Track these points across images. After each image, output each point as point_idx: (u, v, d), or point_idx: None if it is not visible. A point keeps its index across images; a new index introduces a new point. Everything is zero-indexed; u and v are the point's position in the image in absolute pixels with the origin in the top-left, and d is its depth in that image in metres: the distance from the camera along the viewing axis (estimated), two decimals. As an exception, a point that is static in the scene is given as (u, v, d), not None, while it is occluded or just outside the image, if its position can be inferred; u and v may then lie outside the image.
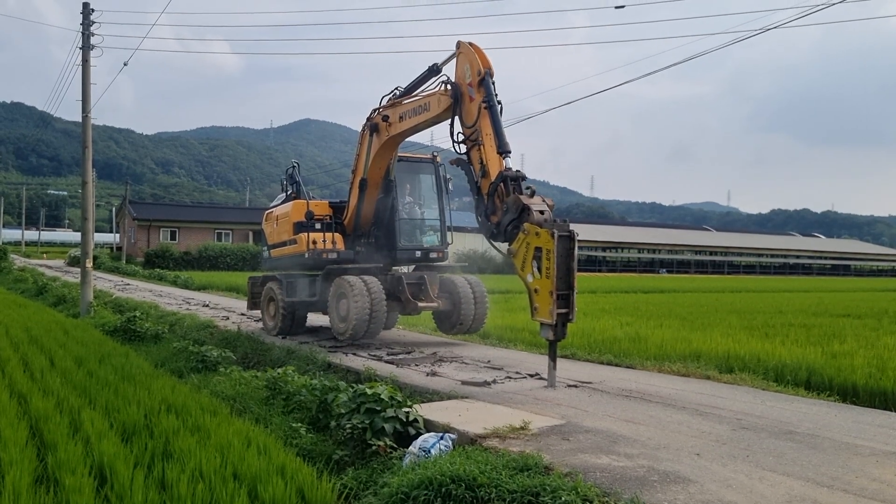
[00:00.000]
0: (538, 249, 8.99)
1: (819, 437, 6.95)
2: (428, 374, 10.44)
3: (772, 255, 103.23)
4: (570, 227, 9.15)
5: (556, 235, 8.82)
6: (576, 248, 9.12)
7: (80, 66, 22.11)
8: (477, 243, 56.74)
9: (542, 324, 9.12)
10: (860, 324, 18.22)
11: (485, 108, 10.46)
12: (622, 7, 17.23)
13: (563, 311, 8.98)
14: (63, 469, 5.70)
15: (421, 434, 7.04)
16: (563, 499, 5.05)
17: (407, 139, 13.66)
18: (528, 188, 9.81)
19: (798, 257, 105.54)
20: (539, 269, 9.00)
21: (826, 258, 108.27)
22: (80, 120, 22.30)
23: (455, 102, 11.06)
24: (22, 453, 6.00)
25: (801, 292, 40.93)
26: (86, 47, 22.02)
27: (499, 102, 10.57)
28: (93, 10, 22.27)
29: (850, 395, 9.89)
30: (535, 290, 9.07)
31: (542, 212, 9.33)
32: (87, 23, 22.10)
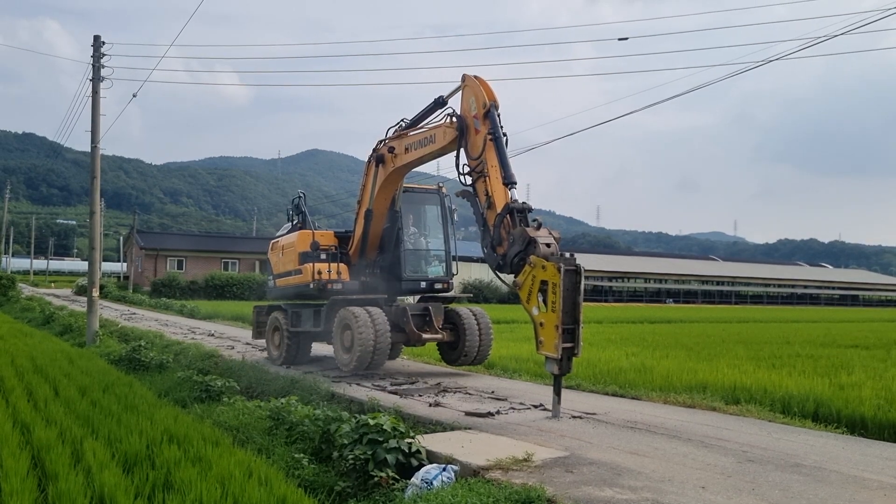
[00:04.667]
0: (544, 283, 8.98)
1: (826, 470, 6.87)
2: (431, 405, 10.39)
3: (779, 285, 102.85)
4: (577, 261, 9.15)
5: (562, 269, 8.82)
6: (582, 282, 9.11)
7: (91, 98, 22.36)
8: (483, 273, 56.88)
9: (547, 357, 9.09)
10: (868, 355, 18.09)
11: (490, 139, 10.51)
12: (626, 39, 17.41)
13: (569, 345, 8.95)
14: (63, 500, 5.69)
15: (423, 465, 7.00)
16: (565, 532, 5.00)
17: (413, 169, 13.73)
18: (534, 220, 9.83)
19: (805, 287, 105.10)
20: (545, 303, 9.00)
21: (834, 288, 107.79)
22: (89, 150, 22.50)
23: (461, 134, 11.13)
24: (23, 484, 5.98)
25: (808, 323, 40.73)
26: (96, 79, 22.28)
27: (504, 134, 10.62)
28: (103, 43, 22.57)
29: (859, 427, 9.79)
30: (541, 324, 9.06)
31: (548, 245, 9.34)
32: (97, 55, 22.39)
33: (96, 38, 22.61)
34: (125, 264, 76.26)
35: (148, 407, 9.96)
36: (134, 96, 24.52)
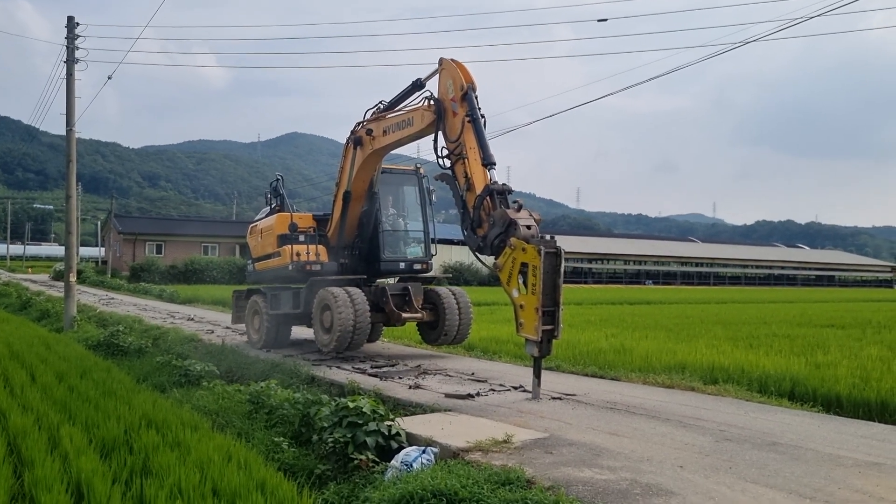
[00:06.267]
0: (524, 265, 8.98)
1: (802, 449, 6.95)
2: (411, 387, 10.40)
3: (757, 266, 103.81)
4: (557, 244, 9.15)
5: (542, 252, 8.81)
6: (562, 265, 9.12)
7: (65, 80, 22.04)
8: (463, 256, 56.93)
9: (527, 339, 9.11)
10: (844, 334, 18.31)
11: (468, 122, 10.48)
12: (605, 20, 17.36)
13: (549, 327, 8.97)
14: (40, 486, 5.62)
15: (403, 448, 7.00)
16: (544, 512, 5.02)
17: (392, 151, 13.67)
18: (514, 202, 9.81)
19: (783, 268, 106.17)
20: (525, 285, 9.00)
21: (810, 269, 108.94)
22: (65, 134, 22.19)
23: (438, 118, 11.09)
24: (-2, 470, 5.91)
25: (785, 303, 41.13)
26: (70, 61, 21.95)
27: (482, 116, 10.59)
28: (78, 24, 22.23)
29: (834, 405, 9.92)
30: (521, 306, 9.06)
31: (528, 227, 9.33)
32: (71, 36, 22.05)
33: (70, 18, 22.28)
34: (103, 249, 75.54)
35: (126, 392, 9.88)
36: (109, 78, 24.23)
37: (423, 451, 6.71)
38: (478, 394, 9.88)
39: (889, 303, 44.91)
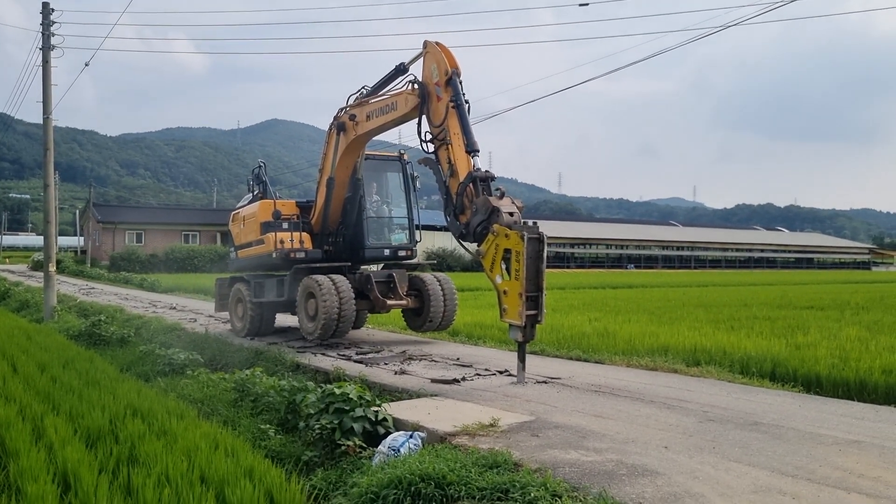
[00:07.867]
0: (507, 251, 9.01)
1: (783, 428, 7.04)
2: (397, 373, 10.42)
3: (737, 250, 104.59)
4: (540, 230, 9.18)
5: (525, 238, 8.84)
6: (545, 250, 9.15)
7: (41, 67, 21.78)
8: (446, 242, 56.95)
9: (511, 325, 9.14)
10: (823, 315, 18.52)
11: (452, 107, 10.44)
12: (586, 4, 17.32)
13: (532, 312, 9.00)
14: (25, 477, 5.60)
15: (390, 433, 7.02)
16: (532, 495, 5.06)
17: (375, 137, 13.62)
18: (497, 189, 9.81)
19: (762, 251, 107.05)
20: (508, 271, 9.03)
21: (790, 251, 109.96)
22: (41, 122, 21.95)
23: (422, 102, 11.04)
24: (-17, 462, 5.88)
25: (765, 285, 41.52)
26: (46, 48, 21.68)
27: (466, 101, 10.56)
28: (53, 10, 21.95)
29: (814, 385, 10.03)
30: (504, 292, 9.10)
31: (511, 213, 9.35)
32: (46, 22, 21.77)
33: (45, 5, 21.98)
34: (82, 238, 74.80)
35: (110, 382, 9.83)
36: (86, 65, 23.91)
37: (411, 436, 6.73)
38: (463, 378, 9.92)
39: (867, 284, 45.50)
